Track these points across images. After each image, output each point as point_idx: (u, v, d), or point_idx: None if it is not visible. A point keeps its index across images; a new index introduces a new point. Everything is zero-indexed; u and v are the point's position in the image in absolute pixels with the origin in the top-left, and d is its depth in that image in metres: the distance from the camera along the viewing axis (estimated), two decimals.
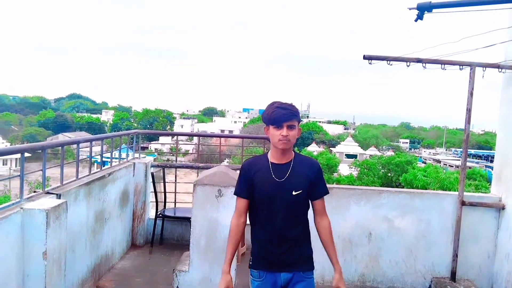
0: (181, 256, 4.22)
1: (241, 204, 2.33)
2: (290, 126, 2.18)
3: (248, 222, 2.38)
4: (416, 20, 3.36)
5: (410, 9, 3.34)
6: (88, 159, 4.17)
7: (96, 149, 5.09)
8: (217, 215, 3.59)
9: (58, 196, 3.12)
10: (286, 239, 2.24)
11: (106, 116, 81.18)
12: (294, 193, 2.22)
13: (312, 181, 2.27)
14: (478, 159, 59.95)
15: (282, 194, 2.22)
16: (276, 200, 2.22)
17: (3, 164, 42.79)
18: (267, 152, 2.35)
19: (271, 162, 2.28)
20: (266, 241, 2.28)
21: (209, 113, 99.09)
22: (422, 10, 3.32)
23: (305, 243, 2.32)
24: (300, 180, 2.23)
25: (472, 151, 64.16)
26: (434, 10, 3.30)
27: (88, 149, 4.25)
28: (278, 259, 2.26)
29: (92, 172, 4.04)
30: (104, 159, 4.79)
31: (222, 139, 7.25)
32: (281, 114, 2.16)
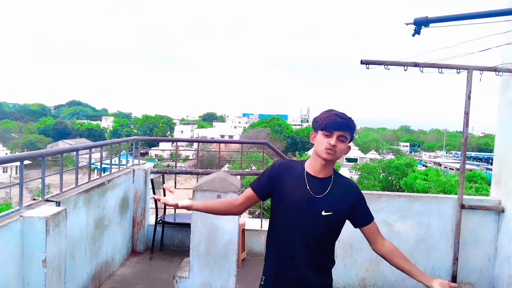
0: (181, 263, 4.21)
1: (248, 193, 2.12)
2: (341, 137, 1.95)
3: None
4: (413, 35, 3.31)
5: (407, 24, 3.30)
6: (88, 166, 4.18)
7: (96, 155, 5.10)
8: (217, 221, 3.59)
9: (58, 204, 3.12)
10: (305, 262, 2.00)
11: (106, 123, 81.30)
12: (323, 213, 1.97)
13: (352, 206, 2.04)
14: (479, 161, 59.95)
15: (311, 211, 1.97)
16: (303, 216, 1.97)
17: (4, 172, 42.80)
18: (305, 160, 2.11)
19: (307, 172, 2.04)
20: (282, 261, 2.04)
21: (209, 118, 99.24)
22: (419, 25, 3.28)
23: (326, 272, 2.08)
24: (334, 201, 1.99)
25: (473, 154, 64.21)
26: (431, 25, 3.27)
27: (88, 156, 4.26)
28: (295, 285, 2.01)
29: (91, 179, 4.05)
30: (104, 166, 4.80)
31: (222, 144, 7.25)
32: (335, 121, 1.95)
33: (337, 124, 1.95)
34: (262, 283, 2.12)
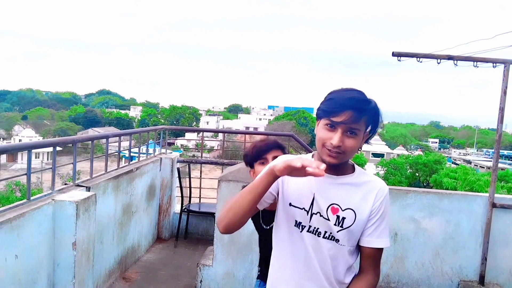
0: (205, 251, 4.27)
1: None
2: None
3: None
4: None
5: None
6: (117, 153, 4.27)
7: (125, 144, 5.20)
8: None
9: (88, 189, 3.21)
10: None
11: (134, 112, 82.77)
12: None
13: None
14: (511, 160, 57.99)
15: None
16: None
17: (36, 158, 44.30)
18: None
19: None
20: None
21: (234, 110, 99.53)
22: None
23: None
24: None
25: (505, 152, 62.12)
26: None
27: (116, 143, 4.35)
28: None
29: (120, 166, 4.13)
30: (132, 154, 4.89)
31: (247, 136, 7.27)
32: None
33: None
34: (258, 273, 2.17)
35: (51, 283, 2.74)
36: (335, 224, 1.46)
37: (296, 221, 1.49)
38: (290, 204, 1.50)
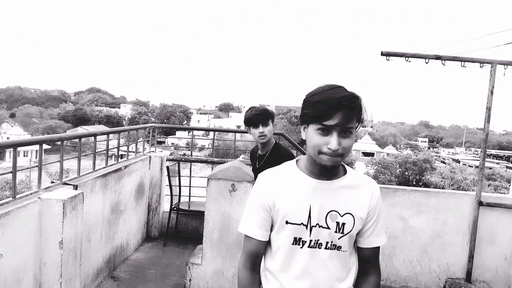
0: (194, 250, 4.26)
1: None
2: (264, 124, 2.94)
3: None
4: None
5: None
6: (105, 151, 4.23)
7: (114, 142, 5.16)
8: (230, 210, 3.61)
9: (75, 187, 3.17)
10: None
11: (124, 110, 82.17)
12: None
13: None
14: (499, 159, 58.84)
15: None
16: None
17: (24, 156, 43.83)
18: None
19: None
20: None
21: (225, 109, 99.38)
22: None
23: None
24: None
25: (493, 151, 62.99)
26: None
27: (105, 142, 4.31)
28: None
29: (108, 164, 4.10)
30: (121, 152, 4.85)
31: (238, 134, 7.27)
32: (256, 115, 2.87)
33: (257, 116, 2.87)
34: None
35: (37, 283, 2.71)
36: (335, 231, 1.44)
37: (295, 238, 1.45)
38: (287, 222, 1.45)
